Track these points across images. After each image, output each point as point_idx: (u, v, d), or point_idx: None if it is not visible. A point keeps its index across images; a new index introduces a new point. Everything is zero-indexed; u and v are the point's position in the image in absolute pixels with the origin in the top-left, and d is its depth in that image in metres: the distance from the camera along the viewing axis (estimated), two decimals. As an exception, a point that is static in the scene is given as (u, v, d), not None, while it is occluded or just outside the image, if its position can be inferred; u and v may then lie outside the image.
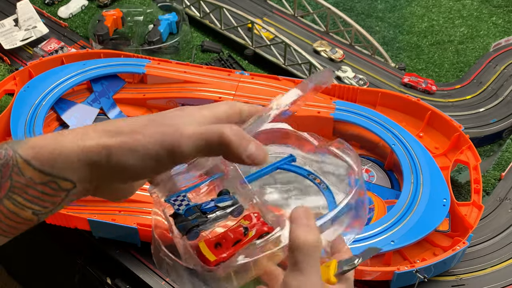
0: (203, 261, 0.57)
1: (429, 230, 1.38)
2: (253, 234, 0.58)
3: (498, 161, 1.75)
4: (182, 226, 0.59)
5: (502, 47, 2.16)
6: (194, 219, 0.59)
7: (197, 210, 0.60)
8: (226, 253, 0.57)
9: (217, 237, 0.58)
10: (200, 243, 0.58)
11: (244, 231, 0.58)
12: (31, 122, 1.61)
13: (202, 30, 2.22)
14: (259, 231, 0.58)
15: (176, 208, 0.60)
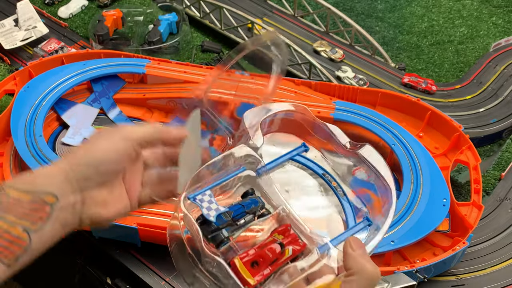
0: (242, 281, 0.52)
1: (429, 230, 1.38)
2: (289, 254, 0.55)
3: (498, 161, 1.75)
4: (213, 238, 0.55)
5: (502, 47, 2.16)
6: (226, 227, 0.56)
7: (228, 217, 0.56)
8: (264, 273, 0.53)
9: (254, 256, 0.54)
10: (236, 259, 0.53)
11: (281, 247, 0.54)
12: (31, 122, 1.61)
13: (202, 30, 2.22)
14: (295, 251, 0.55)
15: (205, 214, 0.56)
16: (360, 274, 0.52)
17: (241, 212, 0.57)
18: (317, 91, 1.75)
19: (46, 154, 1.53)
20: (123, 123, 1.77)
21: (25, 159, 1.51)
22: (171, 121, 0.71)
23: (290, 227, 0.56)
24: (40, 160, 1.51)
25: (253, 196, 0.60)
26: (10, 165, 1.59)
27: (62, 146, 1.69)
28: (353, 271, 0.53)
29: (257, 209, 0.58)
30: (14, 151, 1.59)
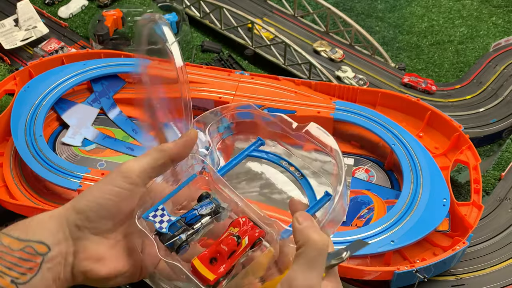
0: (202, 280, 0.55)
1: (429, 230, 1.38)
2: (246, 243, 0.57)
3: (498, 161, 1.75)
4: (171, 245, 0.57)
5: (502, 47, 2.16)
6: (182, 232, 0.57)
7: (182, 224, 0.58)
8: (223, 267, 0.56)
9: (210, 252, 0.56)
10: (194, 260, 0.56)
11: (236, 239, 0.56)
12: (31, 122, 1.61)
13: (202, 30, 2.22)
14: (251, 237, 0.57)
15: (158, 227, 0.57)
16: (306, 246, 0.52)
17: (195, 216, 0.59)
18: (317, 91, 1.75)
19: (46, 154, 1.53)
20: (123, 123, 1.77)
21: (25, 159, 1.51)
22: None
23: (246, 218, 0.58)
24: (40, 160, 1.51)
25: (209, 198, 0.61)
26: (10, 165, 1.59)
27: (62, 146, 1.69)
28: (300, 244, 0.53)
29: (213, 209, 0.60)
30: (14, 151, 1.60)
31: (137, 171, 0.57)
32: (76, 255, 0.56)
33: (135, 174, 0.57)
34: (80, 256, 0.56)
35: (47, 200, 1.54)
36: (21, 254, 0.53)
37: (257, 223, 0.58)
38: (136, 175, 0.57)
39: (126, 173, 0.57)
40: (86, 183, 1.46)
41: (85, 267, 0.56)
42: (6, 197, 1.51)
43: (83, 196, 0.58)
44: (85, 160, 1.66)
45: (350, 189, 1.58)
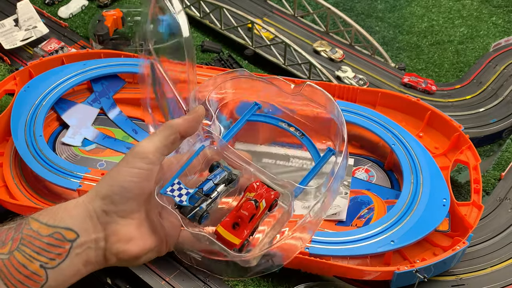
0: (228, 245, 0.58)
1: (429, 230, 1.38)
2: (264, 206, 0.60)
3: (498, 161, 1.75)
4: (193, 216, 0.60)
5: (502, 47, 2.16)
6: (201, 203, 0.60)
7: (201, 195, 0.61)
8: (246, 231, 0.59)
9: (232, 218, 0.59)
10: (218, 228, 0.59)
11: (254, 203, 0.60)
12: (31, 122, 1.61)
13: (202, 30, 2.22)
14: (268, 200, 0.60)
15: (178, 201, 0.60)
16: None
17: (211, 186, 0.62)
18: (317, 91, 1.75)
19: (46, 154, 1.53)
20: (123, 123, 1.77)
21: (25, 159, 1.51)
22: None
23: (260, 181, 0.62)
24: (40, 160, 1.51)
25: (220, 167, 0.64)
26: (10, 165, 1.59)
27: (62, 146, 1.69)
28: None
29: (226, 177, 0.63)
30: (14, 151, 1.60)
31: (152, 149, 0.59)
32: (108, 239, 0.58)
33: (151, 153, 0.59)
34: (111, 239, 0.58)
35: (47, 200, 1.54)
36: (49, 240, 0.55)
37: (270, 185, 0.61)
38: (152, 154, 0.59)
39: (142, 154, 0.59)
40: (86, 183, 1.46)
41: (117, 249, 0.58)
42: (6, 197, 1.51)
43: (105, 182, 0.59)
44: (85, 160, 1.66)
45: (350, 189, 1.59)
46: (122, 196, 0.57)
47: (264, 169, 0.63)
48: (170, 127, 0.61)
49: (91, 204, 0.57)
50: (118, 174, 0.58)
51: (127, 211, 0.58)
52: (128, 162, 0.58)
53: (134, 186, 0.58)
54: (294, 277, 1.39)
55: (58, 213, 0.57)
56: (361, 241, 1.34)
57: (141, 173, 0.58)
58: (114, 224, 0.58)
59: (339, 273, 1.38)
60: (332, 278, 1.41)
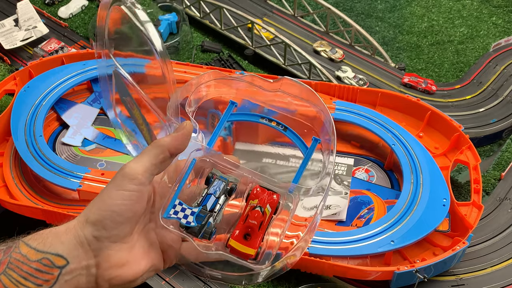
0: (243, 256, 0.58)
1: (429, 230, 1.38)
2: (270, 210, 0.60)
3: (498, 161, 1.75)
4: (203, 234, 0.59)
5: (502, 47, 2.16)
6: (207, 221, 0.59)
7: (205, 211, 0.60)
8: (258, 239, 0.59)
9: (242, 230, 0.59)
10: (231, 242, 0.59)
11: (261, 211, 0.59)
12: (31, 122, 1.61)
13: (202, 30, 2.22)
14: (272, 204, 0.60)
15: (185, 223, 0.59)
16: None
17: (213, 201, 0.61)
18: (317, 91, 1.73)
19: (46, 154, 1.53)
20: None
21: (25, 159, 1.51)
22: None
23: (258, 186, 0.61)
24: (40, 160, 1.51)
25: (215, 178, 0.62)
26: (10, 165, 1.59)
27: (62, 146, 1.70)
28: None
29: (225, 187, 0.62)
30: (14, 151, 1.60)
31: (140, 170, 0.57)
32: (100, 266, 0.56)
33: (140, 174, 0.57)
34: (103, 266, 0.56)
35: (47, 200, 1.54)
36: (37, 265, 0.53)
37: (270, 188, 0.61)
38: (141, 175, 0.57)
39: (132, 175, 0.57)
40: (86, 183, 1.46)
41: (110, 275, 0.56)
42: (6, 197, 1.51)
43: (95, 206, 0.57)
44: (85, 160, 1.66)
45: (350, 189, 1.59)
46: (113, 221, 0.56)
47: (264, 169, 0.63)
48: (158, 146, 0.59)
49: (82, 230, 0.55)
50: (108, 197, 0.56)
51: (119, 236, 0.56)
52: (117, 185, 0.57)
53: (126, 209, 0.56)
54: (294, 277, 1.39)
55: (48, 238, 0.55)
56: (361, 241, 1.34)
57: (132, 195, 0.56)
58: (106, 250, 0.56)
59: (339, 273, 1.38)
60: (332, 278, 1.41)
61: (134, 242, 0.58)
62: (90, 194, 1.46)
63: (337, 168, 1.64)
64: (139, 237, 0.59)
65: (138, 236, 0.59)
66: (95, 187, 1.45)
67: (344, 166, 1.64)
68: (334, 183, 1.59)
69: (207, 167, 0.64)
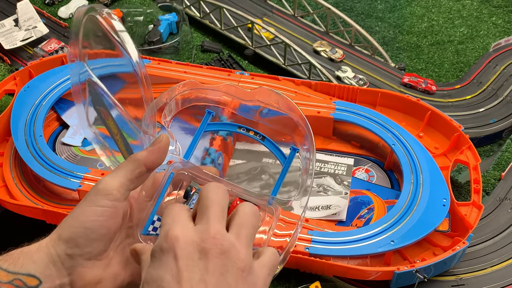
0: None
1: (429, 230, 1.38)
2: None
3: (498, 161, 1.75)
4: None
5: (502, 47, 2.16)
6: None
7: None
8: None
9: None
10: None
11: None
12: (31, 122, 1.61)
13: (202, 30, 2.22)
14: None
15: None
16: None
17: None
18: (317, 91, 1.75)
19: (46, 154, 1.53)
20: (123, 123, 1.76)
21: (25, 159, 1.51)
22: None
23: (238, 199, 0.60)
24: (40, 160, 1.51)
25: (193, 191, 0.61)
26: (10, 165, 1.59)
27: (62, 146, 1.70)
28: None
29: None
30: (14, 151, 1.60)
31: (116, 186, 0.56)
32: (74, 284, 0.54)
33: (115, 190, 0.55)
34: (78, 284, 0.54)
35: (47, 200, 1.54)
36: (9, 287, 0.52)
37: (250, 200, 0.59)
38: (116, 190, 0.56)
39: (106, 191, 0.55)
40: (86, 183, 1.46)
41: None
42: (6, 197, 1.51)
43: (68, 223, 0.55)
44: (85, 160, 1.66)
45: (350, 189, 1.59)
46: (86, 238, 0.54)
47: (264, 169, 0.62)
48: (134, 161, 0.57)
49: (54, 248, 0.54)
50: (81, 214, 0.54)
51: (93, 253, 0.55)
52: (90, 201, 0.55)
53: (99, 226, 0.54)
54: (293, 277, 1.39)
55: (20, 258, 0.53)
56: (361, 241, 1.34)
57: (105, 211, 0.55)
58: (80, 267, 0.54)
59: (339, 273, 1.38)
60: (332, 278, 1.41)
61: (110, 259, 0.57)
62: (90, 194, 1.46)
63: (337, 168, 1.64)
64: (115, 253, 0.57)
65: (114, 252, 0.57)
66: (95, 187, 1.45)
67: (344, 166, 1.64)
68: (334, 183, 1.59)
69: (186, 179, 0.62)
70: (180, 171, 0.61)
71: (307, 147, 0.64)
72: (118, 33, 0.62)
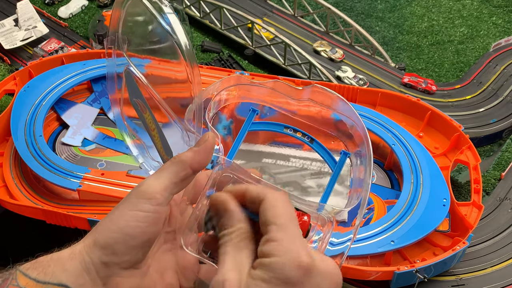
0: None
1: (429, 230, 1.38)
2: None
3: (498, 161, 1.75)
4: None
5: (502, 47, 2.16)
6: None
7: None
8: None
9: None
10: None
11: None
12: (31, 122, 1.61)
13: (202, 30, 2.22)
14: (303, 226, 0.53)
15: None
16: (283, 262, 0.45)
17: None
18: (317, 91, 1.75)
19: (46, 154, 1.53)
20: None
21: (25, 159, 1.51)
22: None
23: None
24: (40, 160, 1.51)
25: None
26: (10, 165, 1.59)
27: (62, 146, 1.69)
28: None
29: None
30: (14, 151, 1.59)
31: (159, 189, 0.50)
32: None
33: (159, 193, 0.50)
34: None
35: (47, 200, 1.54)
36: None
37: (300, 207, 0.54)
38: (159, 194, 0.50)
39: (149, 194, 0.50)
40: (86, 183, 1.46)
41: None
42: (6, 197, 1.51)
43: (105, 227, 0.49)
44: (85, 160, 1.66)
45: (350, 189, 1.58)
46: (125, 245, 0.49)
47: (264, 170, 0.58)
48: (179, 162, 0.52)
49: (88, 255, 0.48)
50: (120, 218, 0.49)
51: (131, 262, 0.49)
52: (132, 204, 0.49)
53: (140, 233, 0.49)
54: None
55: (50, 266, 0.48)
56: (361, 241, 1.34)
57: (148, 216, 0.49)
58: (116, 277, 0.49)
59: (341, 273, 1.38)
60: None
61: (148, 267, 0.52)
62: (90, 194, 1.45)
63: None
64: (152, 261, 0.52)
65: (151, 260, 0.52)
66: (95, 187, 1.45)
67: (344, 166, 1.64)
68: (334, 183, 1.59)
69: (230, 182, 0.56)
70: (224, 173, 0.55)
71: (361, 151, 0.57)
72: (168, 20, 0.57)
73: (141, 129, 0.70)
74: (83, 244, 0.49)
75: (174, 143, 0.65)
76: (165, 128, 0.65)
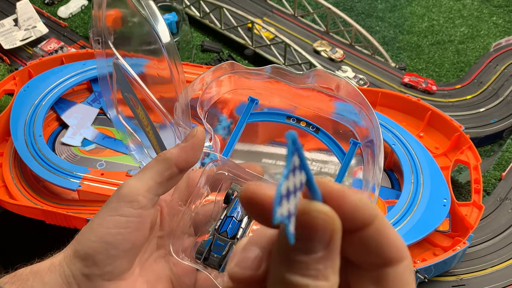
0: None
1: (429, 230, 1.38)
2: None
3: (499, 161, 1.74)
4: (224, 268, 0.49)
5: (502, 47, 2.16)
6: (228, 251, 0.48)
7: (226, 239, 0.49)
8: None
9: None
10: None
11: None
12: (31, 122, 1.61)
13: (202, 30, 2.22)
14: None
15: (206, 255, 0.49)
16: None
17: (235, 225, 0.50)
18: (317, 91, 1.75)
19: (46, 154, 1.53)
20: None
21: (25, 159, 1.51)
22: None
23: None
24: (40, 160, 1.51)
25: (235, 195, 0.52)
26: (10, 165, 1.59)
27: (61, 146, 1.69)
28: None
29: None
30: (14, 151, 1.59)
31: (142, 191, 0.46)
32: None
33: (141, 195, 0.46)
34: None
35: (47, 200, 1.54)
36: None
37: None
38: (142, 196, 0.46)
39: (131, 197, 0.45)
40: (86, 183, 1.46)
41: None
42: (5, 197, 1.51)
43: (85, 236, 0.45)
44: (85, 160, 1.65)
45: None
46: (107, 255, 0.44)
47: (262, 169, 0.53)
48: (163, 160, 0.47)
49: (68, 266, 0.45)
50: (100, 225, 0.45)
51: (115, 273, 0.45)
52: (112, 209, 0.45)
53: (122, 240, 0.45)
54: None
55: (29, 279, 0.44)
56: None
57: (130, 221, 0.45)
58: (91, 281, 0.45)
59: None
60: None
61: (136, 278, 0.47)
62: (89, 194, 1.45)
63: (337, 168, 1.64)
64: (141, 270, 0.48)
65: (140, 269, 0.48)
66: (94, 187, 1.45)
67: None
68: (334, 183, 1.59)
69: (225, 181, 0.53)
70: (219, 171, 0.52)
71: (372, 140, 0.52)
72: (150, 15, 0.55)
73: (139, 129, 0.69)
74: (64, 255, 0.46)
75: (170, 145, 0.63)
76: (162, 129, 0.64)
